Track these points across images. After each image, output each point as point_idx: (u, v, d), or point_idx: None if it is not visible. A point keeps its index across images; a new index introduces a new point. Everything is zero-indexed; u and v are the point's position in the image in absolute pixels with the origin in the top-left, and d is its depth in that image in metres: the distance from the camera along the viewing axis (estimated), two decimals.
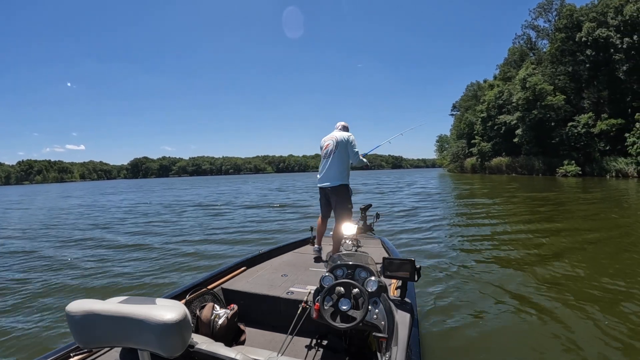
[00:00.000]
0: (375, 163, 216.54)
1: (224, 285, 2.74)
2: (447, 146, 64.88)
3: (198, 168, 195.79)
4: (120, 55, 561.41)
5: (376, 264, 2.19)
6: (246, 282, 2.85)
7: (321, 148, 3.65)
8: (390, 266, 2.04)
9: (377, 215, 4.36)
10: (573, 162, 30.26)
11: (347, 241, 3.58)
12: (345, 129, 3.70)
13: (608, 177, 27.23)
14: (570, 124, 31.42)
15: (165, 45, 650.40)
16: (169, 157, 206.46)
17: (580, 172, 29.49)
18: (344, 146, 3.48)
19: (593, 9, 31.21)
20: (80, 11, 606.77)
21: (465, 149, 51.50)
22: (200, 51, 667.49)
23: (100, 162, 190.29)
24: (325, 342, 2.26)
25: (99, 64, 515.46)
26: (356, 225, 3.52)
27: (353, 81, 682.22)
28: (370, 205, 4.25)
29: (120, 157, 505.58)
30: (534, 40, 44.54)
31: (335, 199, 3.54)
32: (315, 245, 3.67)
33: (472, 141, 47.36)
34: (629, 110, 27.38)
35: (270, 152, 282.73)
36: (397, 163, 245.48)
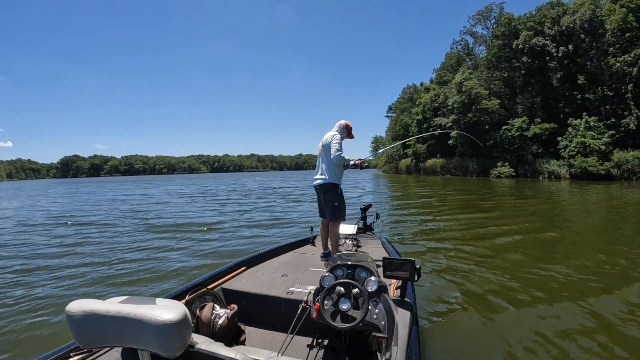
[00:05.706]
0: (312, 163, 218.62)
1: (224, 285, 2.71)
2: (382, 147, 64.73)
3: (131, 167, 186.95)
4: (48, 48, 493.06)
5: (376, 263, 2.20)
6: (246, 282, 2.83)
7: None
8: (390, 266, 2.01)
9: (377, 215, 4.49)
10: (507, 164, 30.53)
11: (347, 241, 3.74)
12: (341, 128, 3.59)
13: (541, 178, 27.63)
14: (504, 127, 31.91)
15: (95, 40, 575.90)
16: (101, 155, 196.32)
17: (513, 174, 29.74)
18: (328, 146, 3.44)
19: (531, 19, 32.20)
20: None
21: (400, 150, 51.24)
22: (130, 46, 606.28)
23: (29, 160, 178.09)
24: (325, 342, 2.23)
25: (26, 56, 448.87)
26: (355, 225, 3.79)
27: (288, 81, 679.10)
28: (370, 206, 4.30)
29: (50, 155, 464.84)
30: (471, 46, 46.09)
31: (323, 196, 3.55)
32: (322, 251, 3.61)
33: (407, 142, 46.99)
34: (561, 115, 28.35)
35: (205, 152, 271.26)
36: None
